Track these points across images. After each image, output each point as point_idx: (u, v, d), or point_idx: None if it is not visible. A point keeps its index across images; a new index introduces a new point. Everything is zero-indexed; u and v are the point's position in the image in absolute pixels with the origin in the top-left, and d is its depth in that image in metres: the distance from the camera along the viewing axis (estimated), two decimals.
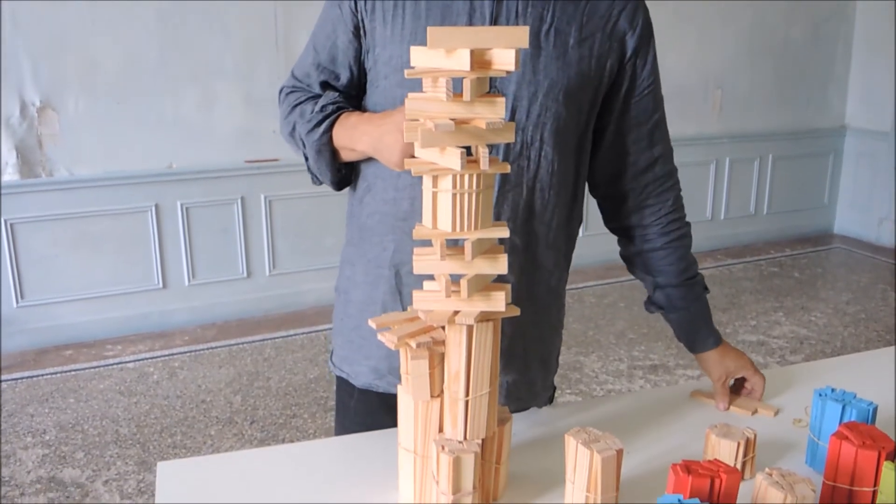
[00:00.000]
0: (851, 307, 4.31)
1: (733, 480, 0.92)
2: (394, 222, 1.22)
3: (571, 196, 1.27)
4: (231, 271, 4.02)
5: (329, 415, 3.07)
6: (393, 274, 1.24)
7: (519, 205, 1.20)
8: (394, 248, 1.23)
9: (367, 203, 1.26)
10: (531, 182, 1.20)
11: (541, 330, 1.31)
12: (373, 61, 1.21)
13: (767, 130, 5.33)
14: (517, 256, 1.22)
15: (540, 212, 1.22)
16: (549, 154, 1.19)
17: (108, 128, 3.64)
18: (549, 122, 1.17)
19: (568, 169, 1.24)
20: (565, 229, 1.29)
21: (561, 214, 1.25)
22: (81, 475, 2.66)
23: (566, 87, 1.17)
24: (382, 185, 1.23)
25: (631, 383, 3.38)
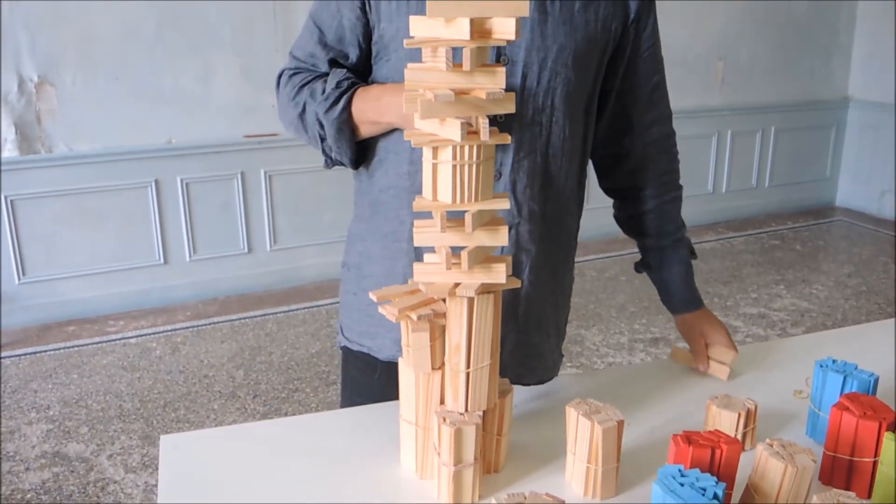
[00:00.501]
0: (853, 280, 4.31)
1: (734, 451, 0.92)
2: (409, 196, 1.21)
3: (581, 161, 1.29)
4: (232, 247, 4.02)
5: (331, 389, 3.08)
6: (412, 247, 1.23)
7: (535, 171, 1.20)
8: (411, 221, 1.22)
9: (380, 178, 1.25)
10: (544, 148, 1.20)
11: (560, 296, 1.34)
12: (378, 36, 1.20)
13: (770, 102, 5.30)
14: (536, 224, 1.23)
15: (556, 177, 1.23)
16: (560, 119, 1.19)
17: (107, 103, 3.62)
18: (560, 87, 1.17)
19: (577, 134, 1.24)
20: (577, 195, 1.30)
21: (573, 180, 1.27)
22: (86, 450, 2.68)
23: (574, 52, 1.17)
24: (395, 160, 1.22)
25: (632, 356, 3.38)
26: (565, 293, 1.37)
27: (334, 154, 1.24)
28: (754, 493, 0.92)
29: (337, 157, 1.24)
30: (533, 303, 1.27)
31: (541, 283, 1.27)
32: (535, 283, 1.26)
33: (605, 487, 0.98)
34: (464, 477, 0.95)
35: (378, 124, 1.18)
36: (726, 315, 3.81)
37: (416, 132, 0.93)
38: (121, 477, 2.53)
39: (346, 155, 1.23)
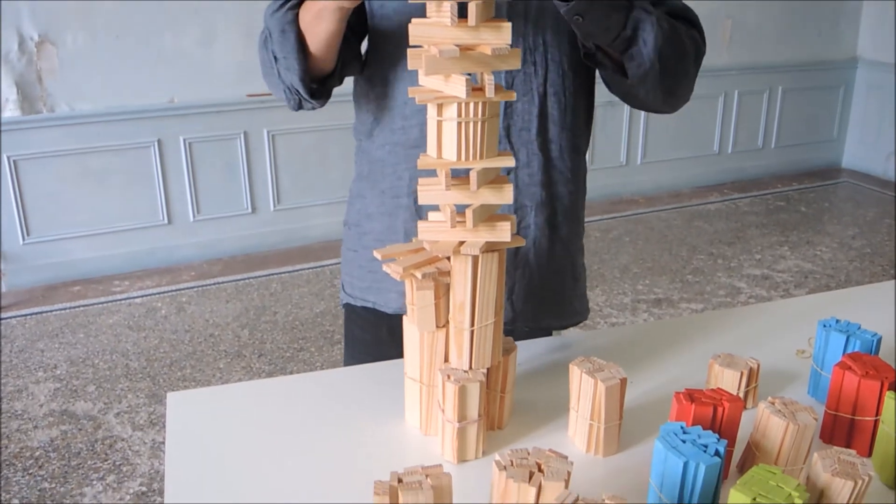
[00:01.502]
0: (857, 241, 4.30)
1: (736, 408, 0.93)
2: (406, 151, 1.21)
3: (586, 94, 1.25)
4: (236, 207, 4.02)
5: (336, 348, 3.10)
6: (412, 202, 1.23)
7: (531, 113, 1.18)
8: (409, 177, 1.22)
9: (377, 136, 1.25)
10: (541, 88, 1.17)
11: (578, 238, 1.33)
12: None
13: (777, 62, 5.24)
14: (537, 167, 1.21)
15: (558, 117, 1.20)
16: (555, 55, 1.16)
17: (108, 62, 3.59)
18: (550, 22, 1.14)
19: (580, 66, 1.20)
20: (585, 131, 1.28)
21: (579, 115, 1.24)
22: (93, 408, 2.71)
23: None
24: (389, 116, 1.22)
25: (635, 317, 3.40)
26: (578, 236, 1.35)
27: (283, 73, 1.14)
28: (755, 450, 0.93)
29: (288, 79, 1.14)
30: (542, 248, 1.27)
31: (551, 228, 1.26)
32: (543, 228, 1.25)
33: (608, 444, 0.99)
34: (468, 433, 0.96)
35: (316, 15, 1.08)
36: (730, 276, 3.81)
37: (420, 89, 0.92)
38: (128, 434, 2.56)
39: (295, 69, 1.12)
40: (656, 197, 4.90)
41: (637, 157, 4.88)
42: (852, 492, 0.81)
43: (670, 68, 1.13)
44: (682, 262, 3.99)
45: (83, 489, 2.32)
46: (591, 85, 1.27)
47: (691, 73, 1.20)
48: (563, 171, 1.25)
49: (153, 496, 2.29)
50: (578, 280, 1.38)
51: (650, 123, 4.85)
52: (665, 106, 1.22)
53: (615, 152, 4.79)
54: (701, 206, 4.84)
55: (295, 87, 1.16)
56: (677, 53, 1.13)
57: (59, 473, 2.38)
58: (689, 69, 1.19)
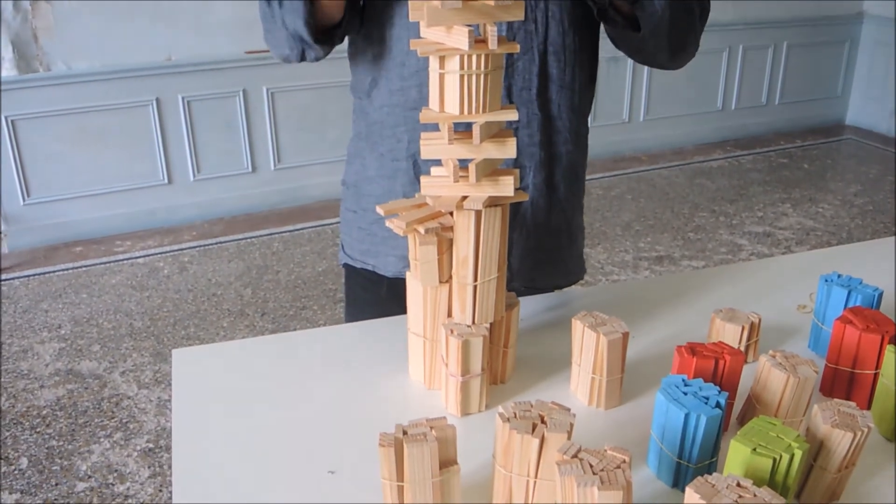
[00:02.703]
0: (859, 199, 4.29)
1: (737, 362, 0.94)
2: (404, 112, 1.20)
3: (590, 53, 1.23)
4: (236, 166, 4.00)
5: (338, 306, 3.12)
6: (411, 165, 1.22)
7: (532, 72, 1.16)
8: (408, 139, 1.21)
9: (375, 97, 1.23)
10: (542, 46, 1.15)
11: (577, 198, 1.32)
12: None
13: (782, 17, 5.16)
14: (536, 128, 1.20)
15: (559, 76, 1.18)
16: (556, 13, 1.14)
17: (104, 19, 3.54)
18: None
19: (582, 24, 1.18)
20: (587, 91, 1.26)
21: (581, 74, 1.21)
22: (98, 367, 2.74)
23: None
24: (387, 77, 1.20)
25: (636, 274, 3.40)
26: (581, 195, 1.34)
27: (287, 17, 1.10)
28: (756, 402, 0.94)
29: (291, 24, 1.10)
30: (540, 208, 1.26)
31: (550, 188, 1.26)
32: (541, 188, 1.25)
33: (610, 397, 1.00)
34: (471, 387, 0.97)
35: None
36: (732, 233, 3.81)
37: (421, 41, 0.91)
38: (134, 393, 2.59)
39: (300, 10, 1.08)
40: (659, 154, 4.87)
41: (640, 114, 4.84)
42: (851, 443, 0.82)
43: (679, 21, 1.13)
44: (684, 219, 3.98)
45: (91, 446, 2.35)
46: (594, 44, 1.25)
47: (698, 28, 1.20)
48: (563, 131, 1.24)
49: (160, 452, 2.32)
50: (575, 241, 1.37)
51: (653, 80, 4.80)
52: (672, 61, 1.22)
53: (618, 109, 4.74)
54: (703, 163, 4.82)
55: (299, 32, 1.10)
56: (686, 7, 1.13)
57: (67, 431, 2.41)
58: (695, 24, 1.18)
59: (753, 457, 0.76)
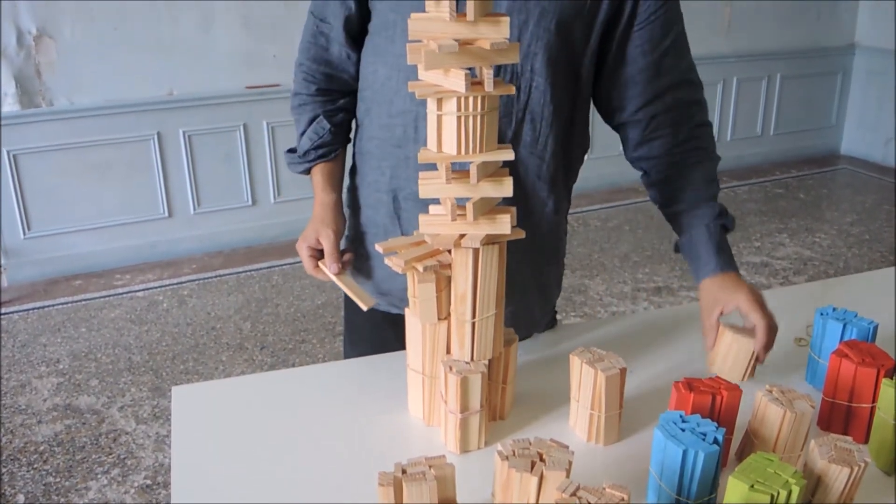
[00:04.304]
0: (856, 228, 4.30)
1: (734, 397, 0.94)
2: (389, 148, 1.23)
3: (568, 125, 1.23)
4: (236, 199, 4.02)
5: (338, 339, 3.11)
6: (391, 199, 1.25)
7: (506, 134, 1.17)
8: (390, 174, 1.24)
9: (366, 127, 1.27)
10: (521, 113, 1.17)
11: (536, 259, 1.29)
12: None
13: (776, 49, 5.23)
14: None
15: (530, 143, 1.19)
16: (540, 85, 1.16)
17: (106, 55, 3.58)
18: (541, 52, 1.14)
19: (563, 100, 1.20)
20: (562, 159, 1.25)
21: (556, 145, 1.22)
22: (97, 402, 2.73)
23: (558, 16, 1.13)
24: (378, 111, 1.23)
25: (635, 305, 3.41)
26: (548, 254, 1.32)
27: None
28: (754, 437, 0.94)
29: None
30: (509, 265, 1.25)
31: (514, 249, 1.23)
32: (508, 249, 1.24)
33: (608, 433, 1.01)
34: (470, 424, 0.98)
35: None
36: None
37: (419, 83, 0.93)
38: (132, 428, 2.58)
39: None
40: None
41: None
42: (849, 478, 0.82)
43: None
44: None
45: (88, 483, 2.33)
46: (573, 121, 1.25)
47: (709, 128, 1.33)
48: (524, 194, 1.22)
49: (158, 489, 2.30)
50: (549, 299, 1.36)
51: None
52: None
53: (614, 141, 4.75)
54: None
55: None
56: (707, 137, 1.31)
57: (64, 468, 2.40)
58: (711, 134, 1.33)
59: (751, 493, 0.77)
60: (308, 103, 1.32)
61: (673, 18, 1.21)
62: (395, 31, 1.17)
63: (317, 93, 1.31)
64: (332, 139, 1.32)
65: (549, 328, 1.39)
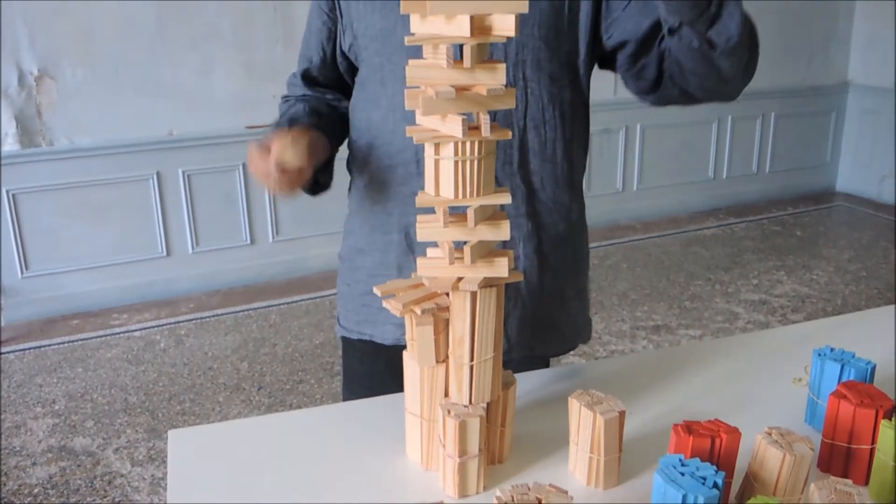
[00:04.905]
0: (853, 265, 4.32)
1: (733, 440, 0.94)
2: (395, 187, 1.24)
3: (571, 126, 1.26)
4: (235, 238, 4.03)
5: (335, 379, 3.10)
6: (403, 237, 1.26)
7: (513, 146, 1.20)
8: (399, 213, 1.25)
9: (366, 173, 1.29)
10: (521, 121, 1.20)
11: (569, 266, 1.33)
12: (352, 37, 1.24)
13: (770, 88, 5.29)
14: (520, 200, 1.23)
15: (539, 149, 1.22)
16: (535, 90, 1.19)
17: (107, 95, 3.62)
18: (529, 58, 1.17)
19: (564, 100, 1.23)
20: (574, 160, 1.28)
21: (565, 146, 1.25)
22: (92, 443, 2.71)
23: (538, 21, 1.16)
24: (377, 154, 1.25)
25: (633, 343, 3.40)
26: (576, 261, 1.35)
27: None
28: (753, 481, 0.94)
29: None
30: (532, 277, 1.28)
31: (540, 257, 1.28)
32: (532, 257, 1.27)
33: (608, 477, 1.00)
34: (468, 468, 0.97)
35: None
36: (728, 301, 3.82)
37: (417, 128, 0.94)
38: (127, 470, 2.55)
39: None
40: (653, 223, 4.92)
41: (633, 183, 4.91)
42: None
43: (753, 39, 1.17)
44: (680, 288, 4.00)
45: None
46: (575, 118, 1.28)
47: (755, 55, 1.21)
48: (547, 202, 1.27)
49: None
50: (569, 308, 1.37)
51: (645, 150, 4.88)
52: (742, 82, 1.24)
53: (611, 179, 4.82)
54: (697, 231, 4.87)
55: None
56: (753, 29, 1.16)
57: None
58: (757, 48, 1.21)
59: None
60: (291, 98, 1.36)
61: None
62: (383, 73, 1.20)
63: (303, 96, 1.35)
64: (307, 116, 1.29)
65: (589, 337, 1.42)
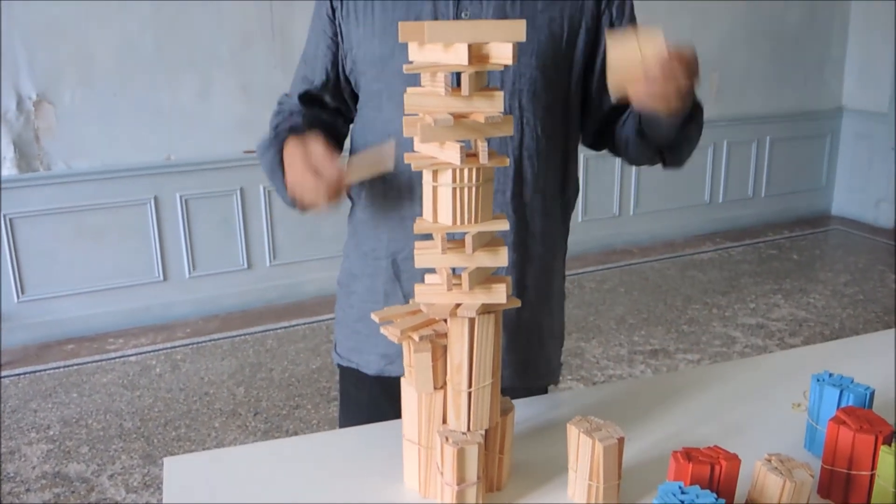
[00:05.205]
0: (849, 289, 4.32)
1: (733, 467, 0.94)
2: (385, 213, 1.25)
3: (563, 159, 1.27)
4: (232, 262, 4.03)
5: (332, 405, 3.08)
6: (390, 263, 1.26)
7: (507, 175, 1.20)
8: (388, 238, 1.25)
9: (362, 196, 1.30)
10: (517, 151, 1.20)
11: (548, 301, 1.32)
12: (352, 62, 1.25)
13: (765, 113, 5.33)
14: (509, 231, 1.23)
15: (531, 180, 1.23)
16: (530, 120, 1.20)
17: (105, 120, 3.64)
18: (525, 87, 1.18)
19: (556, 132, 1.24)
20: (561, 196, 1.29)
21: (554, 180, 1.25)
22: (86, 470, 2.68)
23: (537, 51, 1.17)
24: (373, 179, 1.25)
25: (632, 368, 3.39)
26: (557, 294, 1.35)
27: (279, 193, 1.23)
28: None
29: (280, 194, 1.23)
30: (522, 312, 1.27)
31: (520, 289, 1.27)
32: (512, 288, 1.26)
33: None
34: (467, 496, 0.96)
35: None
36: (725, 325, 3.82)
37: (416, 155, 0.95)
38: (122, 497, 2.53)
39: (281, 193, 1.21)
40: (650, 247, 4.93)
41: (630, 207, 4.92)
42: None
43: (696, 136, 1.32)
44: (678, 312, 4.00)
45: None
46: (568, 151, 1.29)
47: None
48: (535, 234, 1.27)
49: None
50: (544, 344, 1.36)
51: (642, 174, 4.90)
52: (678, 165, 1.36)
53: (608, 203, 4.83)
54: (694, 255, 4.87)
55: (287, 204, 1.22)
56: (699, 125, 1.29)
57: None
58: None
59: None
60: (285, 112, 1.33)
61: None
62: (380, 99, 1.21)
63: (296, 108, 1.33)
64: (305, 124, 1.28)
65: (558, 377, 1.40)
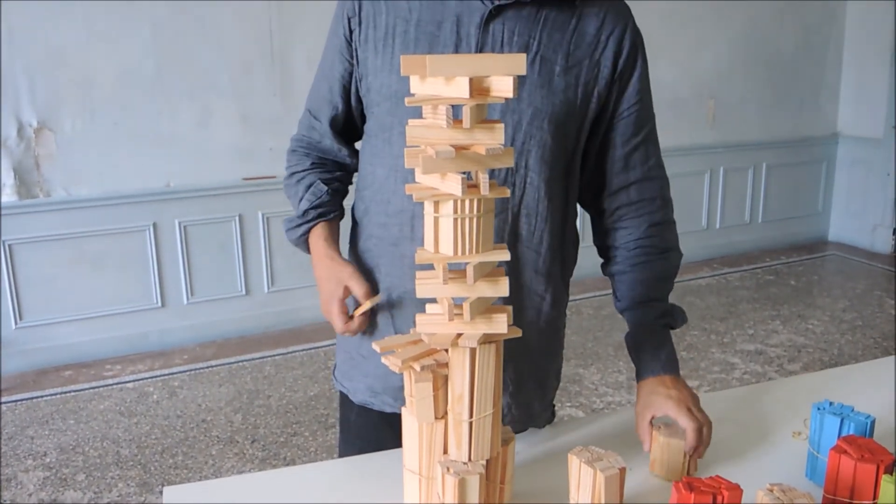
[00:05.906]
0: (848, 314, 4.32)
1: (735, 497, 0.94)
2: (386, 247, 1.25)
3: (562, 220, 1.27)
4: (230, 289, 4.03)
5: (330, 432, 3.07)
6: (385, 297, 1.26)
7: (504, 230, 1.20)
8: (385, 272, 1.26)
9: (365, 226, 1.29)
10: (516, 208, 1.20)
11: (532, 354, 1.30)
12: (366, 89, 1.25)
13: (761, 139, 5.37)
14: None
15: (527, 237, 1.22)
16: (534, 180, 1.20)
17: (105, 147, 3.65)
18: (534, 149, 1.18)
19: (556, 194, 1.24)
20: (559, 253, 1.28)
21: (552, 238, 1.25)
22: (83, 497, 2.66)
23: (550, 115, 1.17)
24: (376, 210, 1.26)
25: (631, 395, 3.38)
26: (546, 349, 1.33)
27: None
28: None
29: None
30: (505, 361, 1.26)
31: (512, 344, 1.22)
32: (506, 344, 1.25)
33: None
34: None
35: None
36: (724, 352, 3.82)
37: (417, 186, 0.95)
38: None
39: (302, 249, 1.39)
40: None
41: None
42: None
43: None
44: (676, 338, 3.97)
45: None
46: (566, 214, 1.29)
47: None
48: (527, 290, 1.25)
49: None
50: (547, 392, 1.36)
51: None
52: None
53: None
54: (692, 281, 4.88)
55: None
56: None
57: None
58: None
59: None
60: (305, 176, 1.36)
61: (645, 117, 1.27)
62: (391, 133, 1.21)
63: (311, 167, 1.36)
64: (331, 199, 1.34)
65: (549, 423, 1.38)
